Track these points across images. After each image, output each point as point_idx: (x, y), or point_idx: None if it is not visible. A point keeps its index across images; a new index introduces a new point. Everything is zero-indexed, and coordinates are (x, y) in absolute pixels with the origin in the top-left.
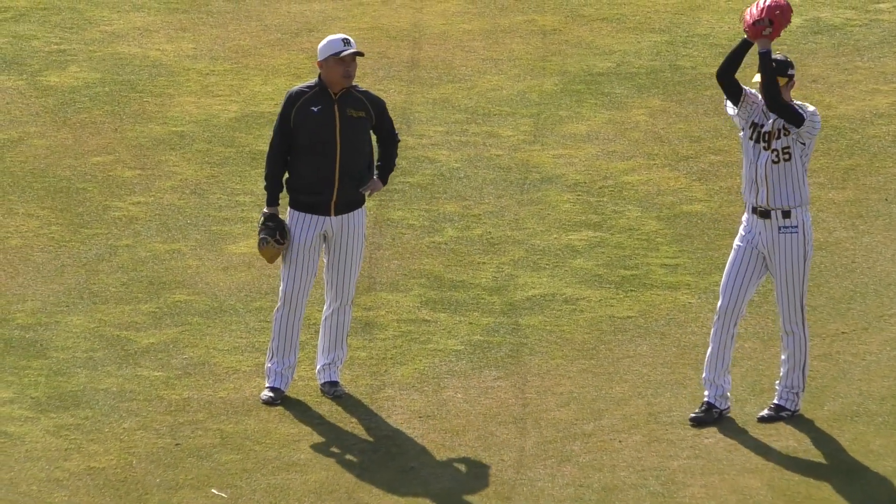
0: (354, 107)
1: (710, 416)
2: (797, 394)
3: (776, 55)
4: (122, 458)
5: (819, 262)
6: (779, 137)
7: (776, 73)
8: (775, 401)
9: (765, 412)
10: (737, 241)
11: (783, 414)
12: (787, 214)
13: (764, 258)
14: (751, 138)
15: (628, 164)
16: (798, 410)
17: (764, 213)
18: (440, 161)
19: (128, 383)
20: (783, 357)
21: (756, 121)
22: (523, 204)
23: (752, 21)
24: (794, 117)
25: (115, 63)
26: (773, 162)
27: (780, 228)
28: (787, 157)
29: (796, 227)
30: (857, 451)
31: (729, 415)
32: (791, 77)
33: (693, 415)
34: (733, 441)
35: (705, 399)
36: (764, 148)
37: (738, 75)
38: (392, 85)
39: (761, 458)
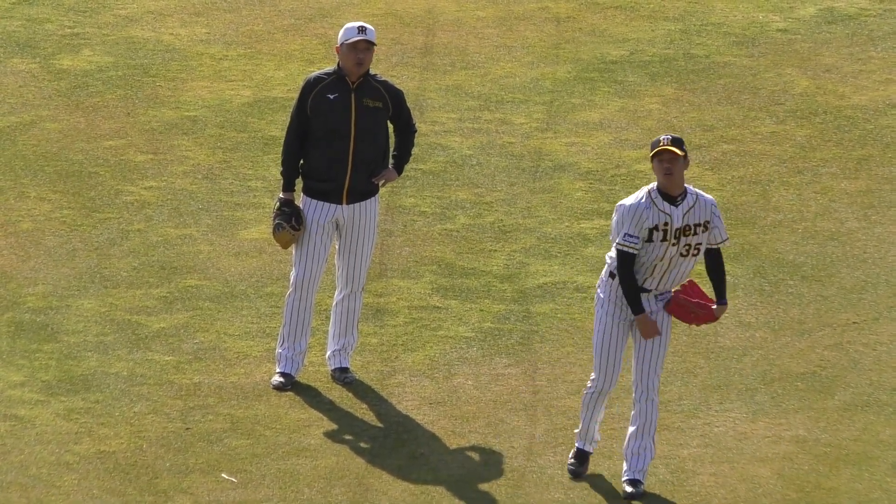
0: (371, 96)
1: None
2: (646, 461)
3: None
4: (133, 442)
5: (831, 252)
6: (695, 234)
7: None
8: (630, 476)
9: (630, 490)
10: (604, 316)
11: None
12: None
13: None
14: (649, 240)
15: (641, 153)
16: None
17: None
18: (452, 148)
19: (138, 367)
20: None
21: (657, 224)
22: (535, 192)
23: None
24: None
25: (128, 47)
26: (682, 255)
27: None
28: (696, 252)
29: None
30: (867, 440)
31: (737, 404)
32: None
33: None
34: (743, 430)
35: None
36: (672, 244)
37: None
38: (405, 71)
39: (771, 447)
